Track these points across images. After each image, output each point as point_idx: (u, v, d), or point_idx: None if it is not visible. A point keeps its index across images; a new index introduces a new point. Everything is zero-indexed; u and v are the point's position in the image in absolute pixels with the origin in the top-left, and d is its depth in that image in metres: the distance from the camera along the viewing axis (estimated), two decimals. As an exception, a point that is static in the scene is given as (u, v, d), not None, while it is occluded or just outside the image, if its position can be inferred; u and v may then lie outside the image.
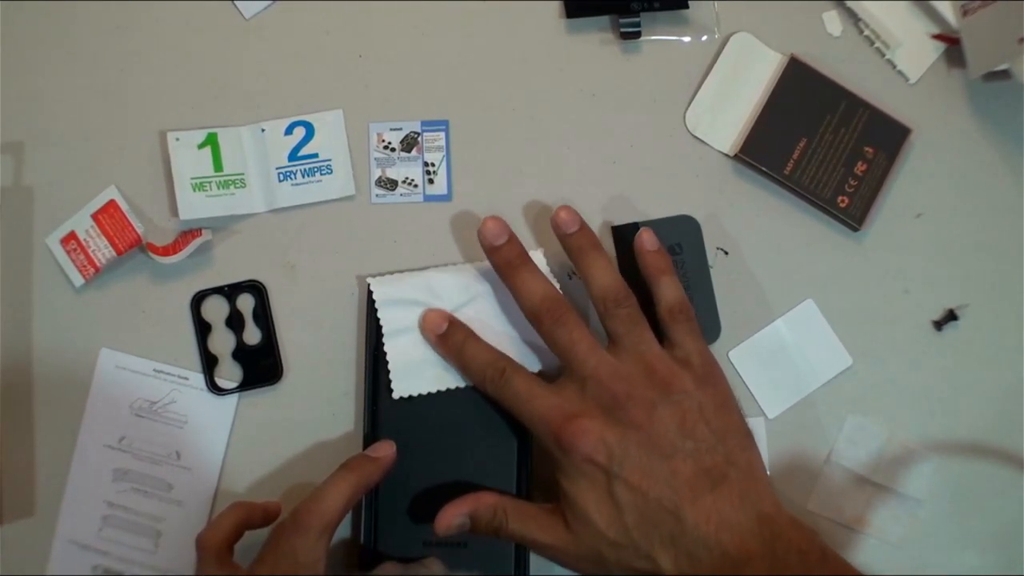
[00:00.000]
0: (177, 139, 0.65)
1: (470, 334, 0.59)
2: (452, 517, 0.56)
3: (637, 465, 0.53)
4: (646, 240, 0.61)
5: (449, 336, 0.59)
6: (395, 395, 0.60)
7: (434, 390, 0.60)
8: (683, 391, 0.55)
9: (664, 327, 0.59)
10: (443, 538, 0.58)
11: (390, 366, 0.60)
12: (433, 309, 0.60)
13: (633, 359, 0.56)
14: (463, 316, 0.61)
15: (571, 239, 0.59)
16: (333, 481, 0.56)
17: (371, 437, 0.61)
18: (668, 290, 0.59)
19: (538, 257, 0.62)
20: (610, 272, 0.58)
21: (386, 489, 0.60)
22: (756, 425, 0.65)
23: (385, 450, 0.59)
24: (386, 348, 0.60)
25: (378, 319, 0.61)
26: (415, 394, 0.60)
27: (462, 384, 0.60)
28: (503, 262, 0.58)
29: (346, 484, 0.56)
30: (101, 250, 0.64)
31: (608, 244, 0.66)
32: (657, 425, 0.54)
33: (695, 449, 0.54)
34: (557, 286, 0.59)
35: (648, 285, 0.60)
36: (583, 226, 0.59)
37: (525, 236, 0.66)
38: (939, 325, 0.66)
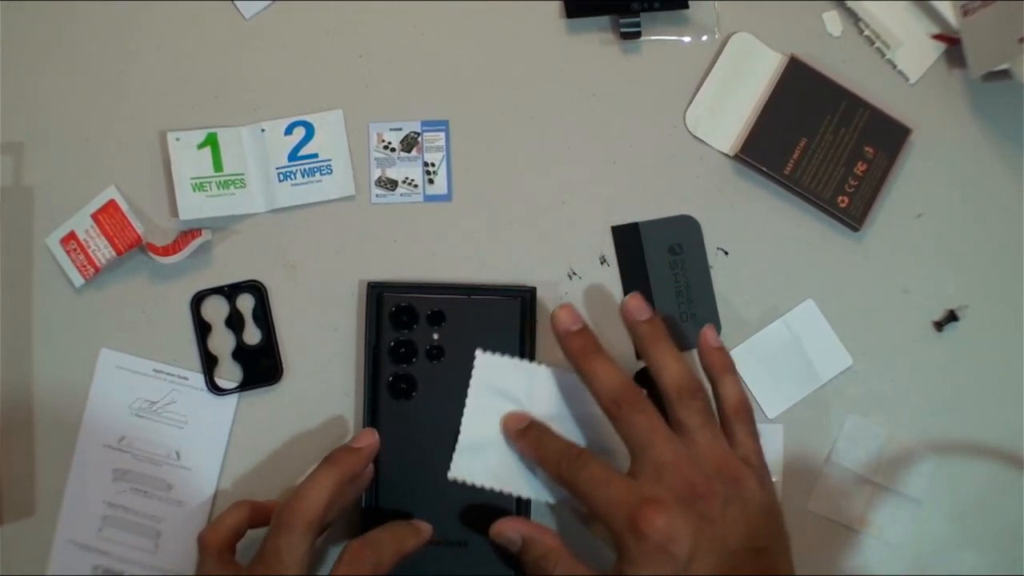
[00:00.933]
0: (177, 139, 0.65)
1: (548, 429, 0.60)
2: (510, 530, 0.58)
3: (707, 559, 0.53)
4: (710, 337, 0.61)
5: (528, 431, 0.59)
6: (450, 475, 0.60)
7: (488, 486, 0.59)
8: (750, 490, 0.55)
9: (726, 424, 0.58)
10: (444, 537, 0.60)
11: (459, 442, 0.60)
12: (517, 412, 0.61)
13: (706, 452, 0.56)
14: (544, 418, 0.61)
15: (641, 327, 0.59)
16: (314, 477, 0.56)
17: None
18: (732, 389, 0.59)
19: None
20: (683, 363, 0.58)
21: (385, 488, 0.61)
22: (775, 431, 0.65)
23: (368, 439, 0.60)
24: (462, 424, 0.60)
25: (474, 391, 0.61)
26: (469, 481, 0.60)
27: (515, 491, 0.60)
28: (577, 349, 0.58)
29: (328, 478, 0.56)
30: (101, 250, 0.64)
31: (608, 245, 0.66)
32: (729, 522, 0.54)
33: (757, 550, 0.54)
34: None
35: (711, 381, 0.60)
36: (654, 316, 0.59)
37: (525, 235, 0.66)
38: (939, 325, 0.66)
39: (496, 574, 0.60)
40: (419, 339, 0.63)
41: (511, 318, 0.63)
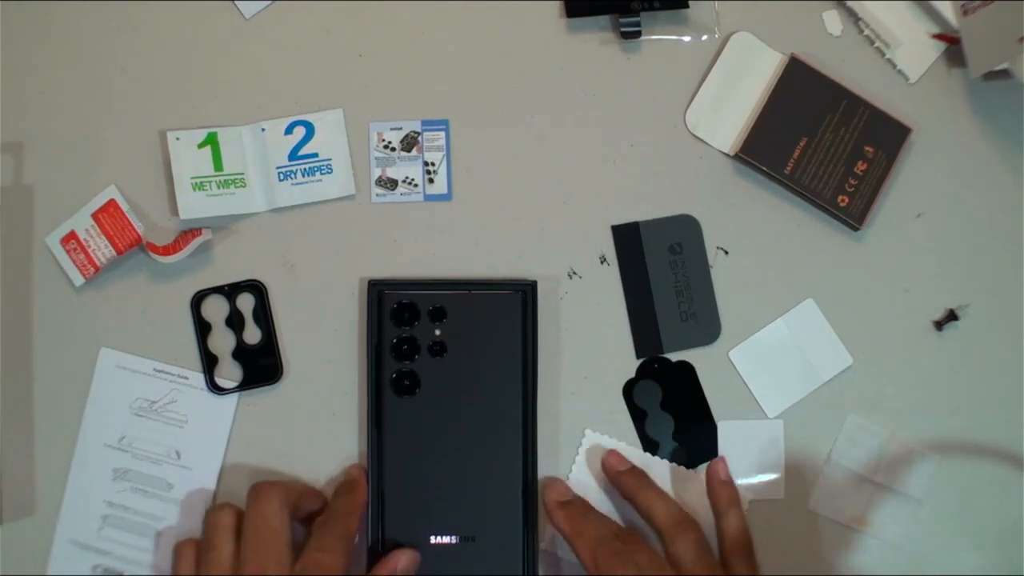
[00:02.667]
0: (177, 139, 0.65)
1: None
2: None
3: None
4: (721, 471, 0.63)
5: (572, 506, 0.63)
6: None
7: None
8: None
9: (726, 557, 0.60)
10: (450, 532, 0.61)
11: None
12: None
13: None
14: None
15: (624, 477, 0.63)
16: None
17: (375, 435, 0.62)
18: (735, 523, 0.61)
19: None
20: (670, 502, 0.61)
21: (391, 487, 0.61)
22: (775, 427, 0.65)
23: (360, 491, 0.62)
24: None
25: None
26: None
27: None
28: (632, 486, 0.62)
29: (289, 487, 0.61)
30: (101, 249, 0.64)
31: (608, 244, 0.66)
32: None
33: None
34: None
35: (716, 515, 0.62)
36: (633, 466, 0.63)
37: (525, 235, 0.66)
38: (939, 325, 0.66)
39: (506, 572, 0.61)
40: (421, 335, 0.63)
41: (512, 312, 0.63)
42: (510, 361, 0.62)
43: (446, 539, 0.61)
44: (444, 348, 0.63)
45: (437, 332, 0.63)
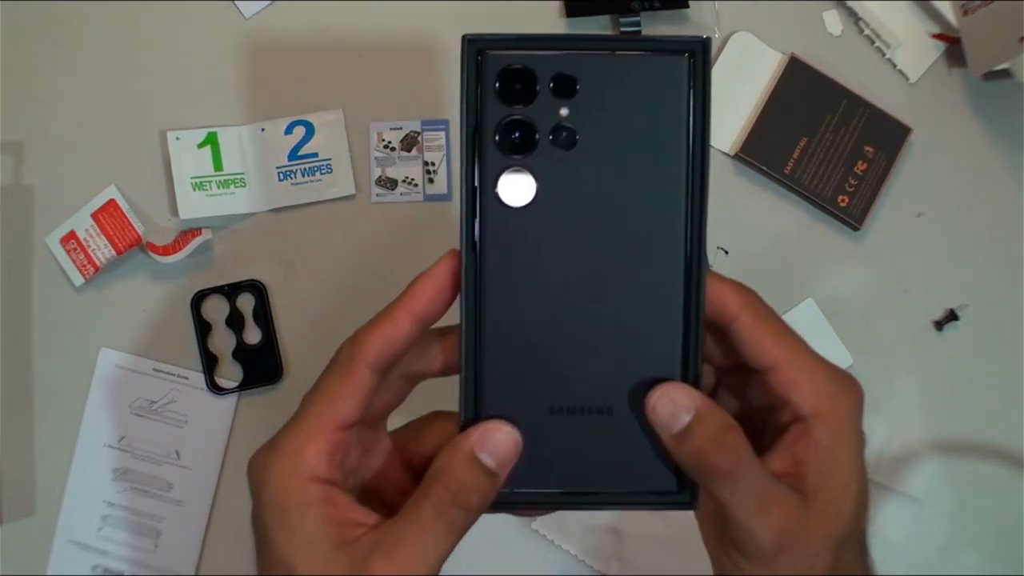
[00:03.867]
0: (177, 139, 0.65)
1: None
2: (681, 398, 0.40)
3: None
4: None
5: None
6: None
7: None
8: None
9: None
10: (582, 403, 0.42)
11: None
12: None
13: None
14: None
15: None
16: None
17: (472, 264, 0.43)
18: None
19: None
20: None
21: (494, 339, 0.43)
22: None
23: (448, 265, 0.43)
24: None
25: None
26: None
27: None
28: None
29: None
30: (101, 249, 0.64)
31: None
32: None
33: None
34: None
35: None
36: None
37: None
38: (939, 325, 0.66)
39: (645, 449, 0.42)
40: (540, 118, 0.43)
41: (673, 86, 0.42)
42: (668, 159, 0.43)
43: (569, 412, 0.43)
44: (573, 138, 0.43)
45: (563, 112, 0.43)
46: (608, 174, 0.43)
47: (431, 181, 0.66)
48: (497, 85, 0.43)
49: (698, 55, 0.42)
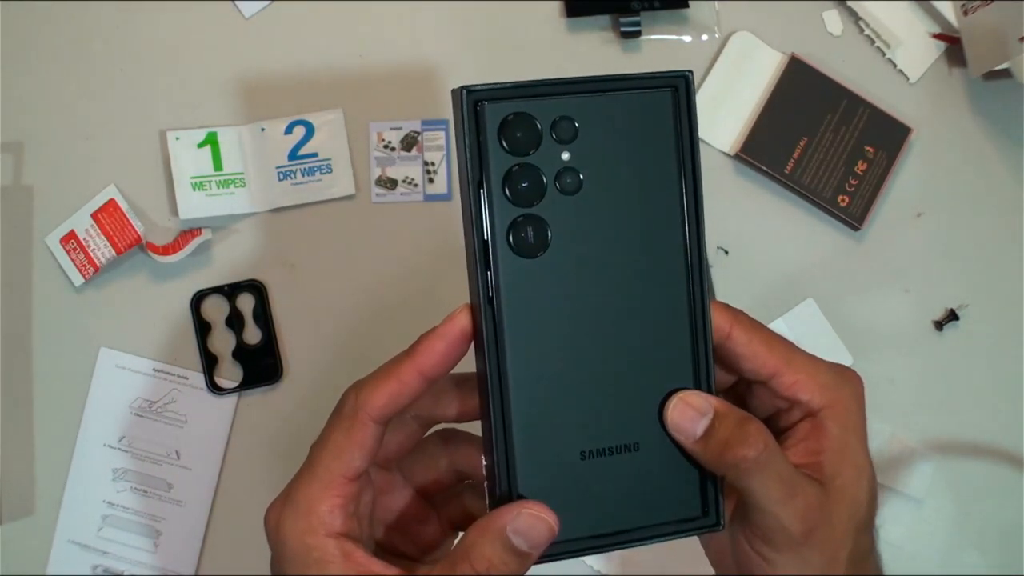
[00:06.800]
0: (177, 138, 0.65)
1: None
2: (698, 404, 0.40)
3: None
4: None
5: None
6: None
7: None
8: None
9: None
10: (607, 443, 0.41)
11: None
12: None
13: None
14: None
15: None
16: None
17: (490, 320, 0.41)
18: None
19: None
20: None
21: (518, 397, 0.41)
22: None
23: (459, 322, 0.42)
24: None
25: None
26: None
27: None
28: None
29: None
30: (101, 249, 0.64)
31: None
32: None
33: None
34: None
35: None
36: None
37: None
38: (939, 325, 0.66)
39: (668, 479, 0.42)
40: (545, 164, 0.42)
41: (661, 119, 0.43)
42: (662, 191, 0.43)
43: (598, 454, 0.41)
44: (578, 180, 0.42)
45: (565, 156, 0.42)
46: (611, 212, 0.42)
47: (431, 181, 0.66)
48: (500, 135, 0.42)
49: (681, 88, 0.43)
